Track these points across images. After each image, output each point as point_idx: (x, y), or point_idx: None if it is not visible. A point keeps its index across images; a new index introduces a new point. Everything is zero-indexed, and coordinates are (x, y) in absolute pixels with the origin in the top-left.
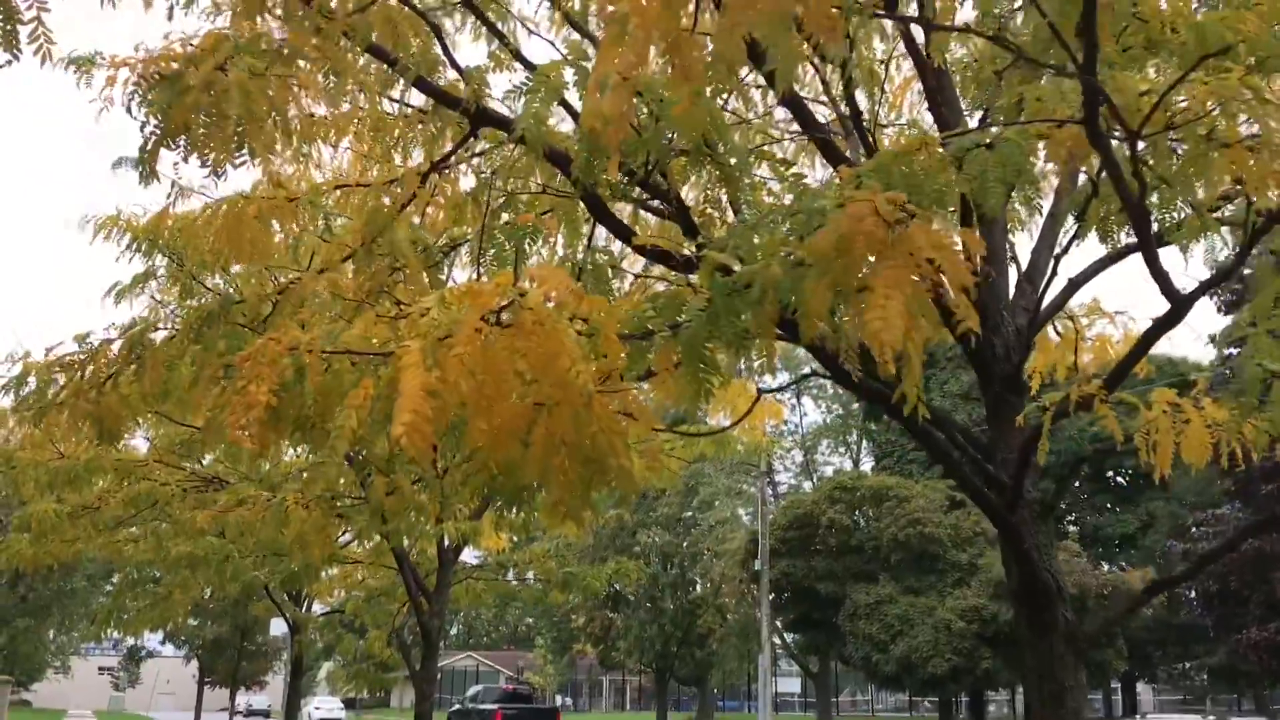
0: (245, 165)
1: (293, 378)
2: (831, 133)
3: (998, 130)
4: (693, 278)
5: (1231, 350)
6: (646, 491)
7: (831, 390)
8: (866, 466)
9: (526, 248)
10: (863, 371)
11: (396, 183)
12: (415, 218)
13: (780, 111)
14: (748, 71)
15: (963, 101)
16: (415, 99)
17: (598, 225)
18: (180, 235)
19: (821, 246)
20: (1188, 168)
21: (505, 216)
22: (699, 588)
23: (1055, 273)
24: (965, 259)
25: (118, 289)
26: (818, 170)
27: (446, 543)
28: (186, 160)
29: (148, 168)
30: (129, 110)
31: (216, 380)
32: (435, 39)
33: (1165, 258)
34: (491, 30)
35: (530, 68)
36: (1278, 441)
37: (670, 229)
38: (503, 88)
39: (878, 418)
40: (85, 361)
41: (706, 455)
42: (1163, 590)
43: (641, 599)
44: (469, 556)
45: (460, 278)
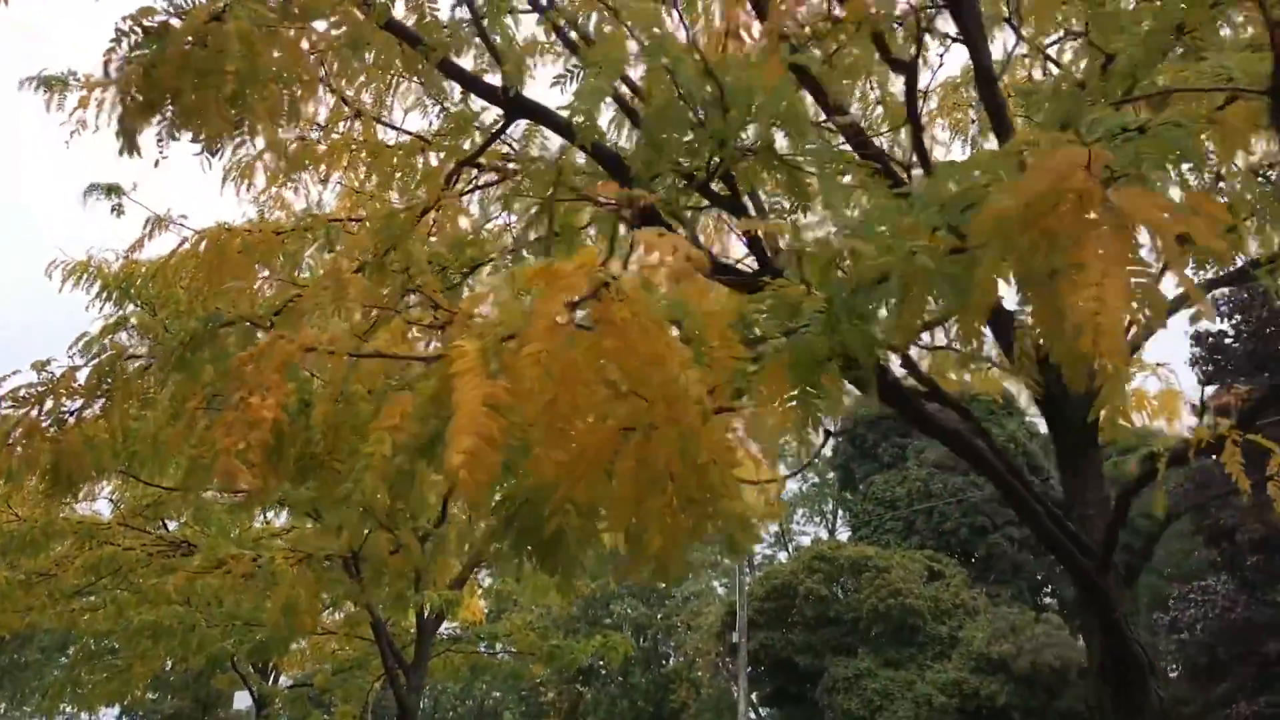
0: (244, 145)
1: (297, 407)
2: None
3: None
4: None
5: None
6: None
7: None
8: (843, 536)
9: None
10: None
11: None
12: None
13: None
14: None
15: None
16: (411, 123)
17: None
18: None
19: (999, 217)
20: None
21: (534, 233)
22: (672, 661)
23: None
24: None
25: (85, 340)
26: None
27: (427, 612)
28: (175, 135)
29: (127, 141)
30: (106, 72)
31: (200, 412)
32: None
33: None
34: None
35: (573, 49)
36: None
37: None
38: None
39: (854, 487)
40: (44, 394)
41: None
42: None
43: (613, 673)
44: (443, 628)
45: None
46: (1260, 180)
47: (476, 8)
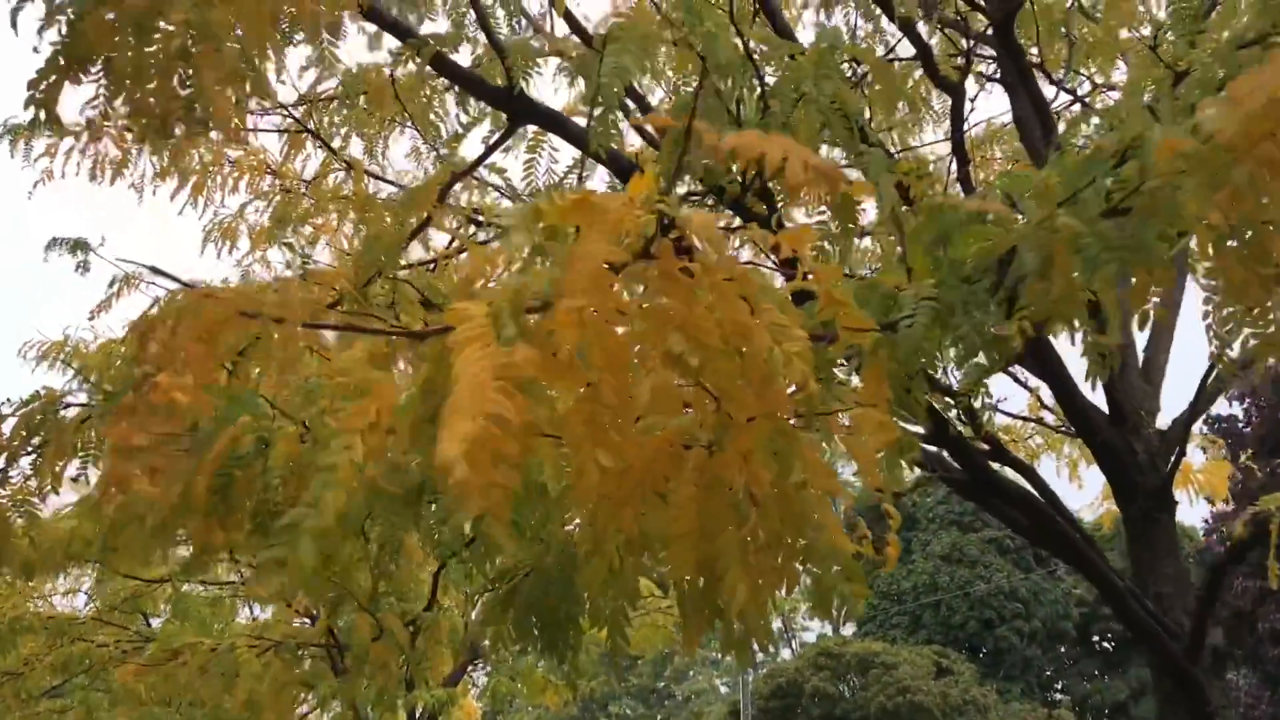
0: (197, 132)
1: (252, 448)
2: None
3: None
4: None
5: None
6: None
7: None
8: (848, 631)
9: None
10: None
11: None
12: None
13: None
14: None
15: None
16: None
17: None
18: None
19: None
20: None
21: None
22: None
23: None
24: None
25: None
26: None
27: (419, 712)
28: (108, 109)
29: (46, 113)
30: (13, 22)
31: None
32: None
33: None
34: None
35: (586, 39)
36: None
37: None
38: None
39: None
40: None
41: None
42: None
43: None
44: None
45: None
46: None
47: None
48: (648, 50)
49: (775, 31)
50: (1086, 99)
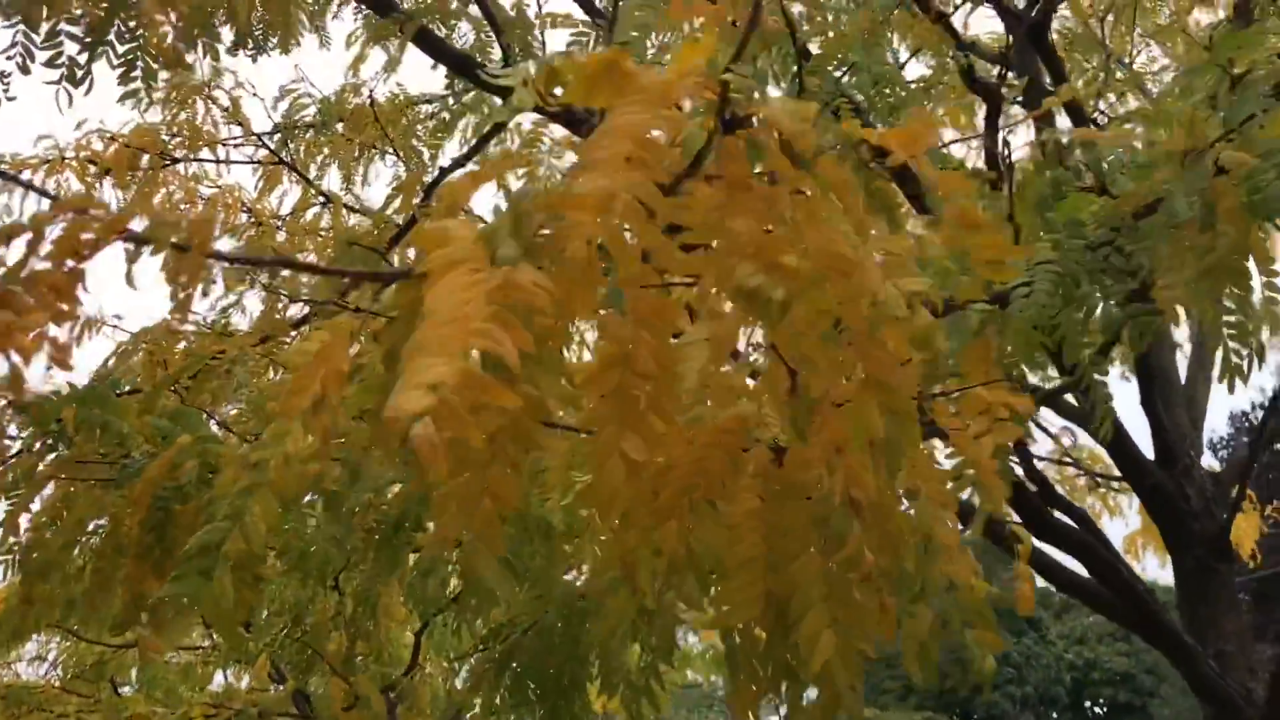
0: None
1: (194, 476)
2: None
3: None
4: None
5: None
6: None
7: None
8: None
9: None
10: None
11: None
12: None
13: None
14: None
15: None
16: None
17: None
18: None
19: None
20: None
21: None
22: None
23: None
24: None
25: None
26: None
27: None
28: (26, 58)
29: None
30: None
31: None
32: None
33: None
34: None
35: (596, 16)
36: None
37: None
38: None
39: None
40: None
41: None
42: None
43: None
44: None
45: None
46: None
47: None
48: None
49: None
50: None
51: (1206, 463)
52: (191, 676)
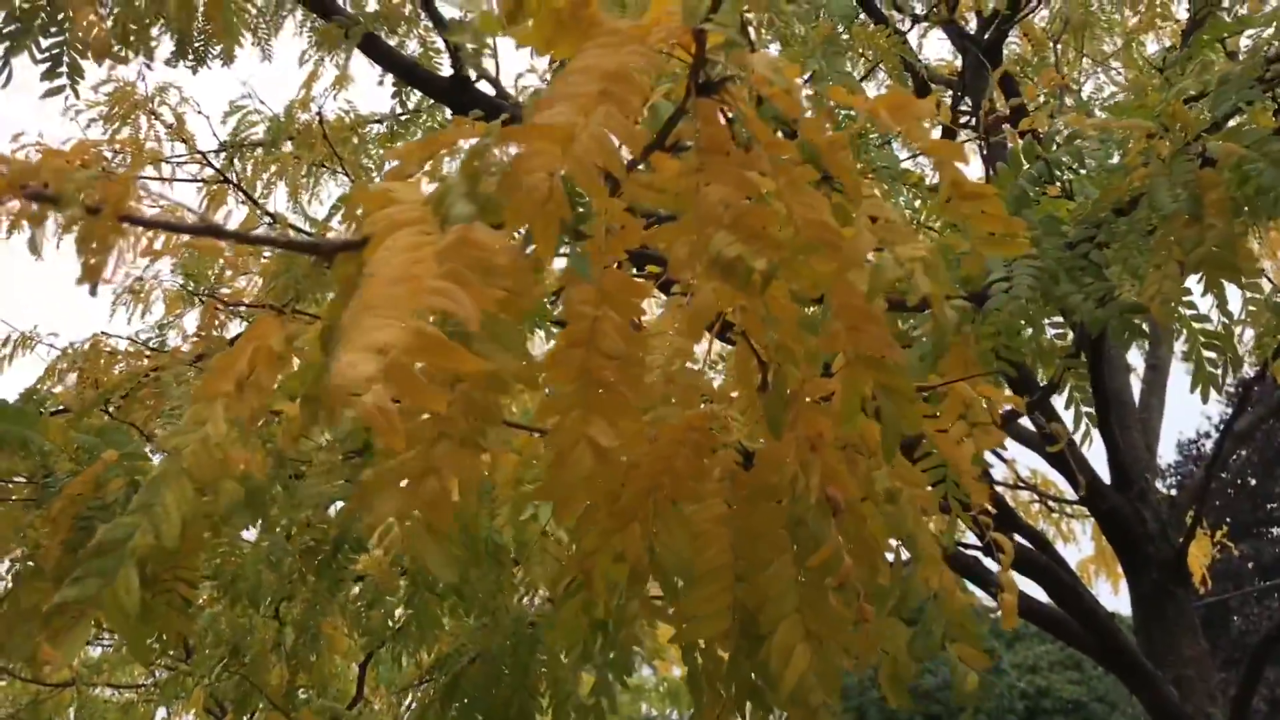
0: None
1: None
2: None
3: None
4: None
5: None
6: None
7: None
8: None
9: None
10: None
11: None
12: None
13: None
14: None
15: None
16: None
17: None
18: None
19: None
20: None
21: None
22: None
23: None
24: None
25: None
26: None
27: None
28: None
29: None
30: None
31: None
32: None
33: None
34: None
35: None
36: None
37: None
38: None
39: None
40: None
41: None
42: None
43: None
44: None
45: None
46: None
47: None
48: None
49: None
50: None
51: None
52: (132, 715)
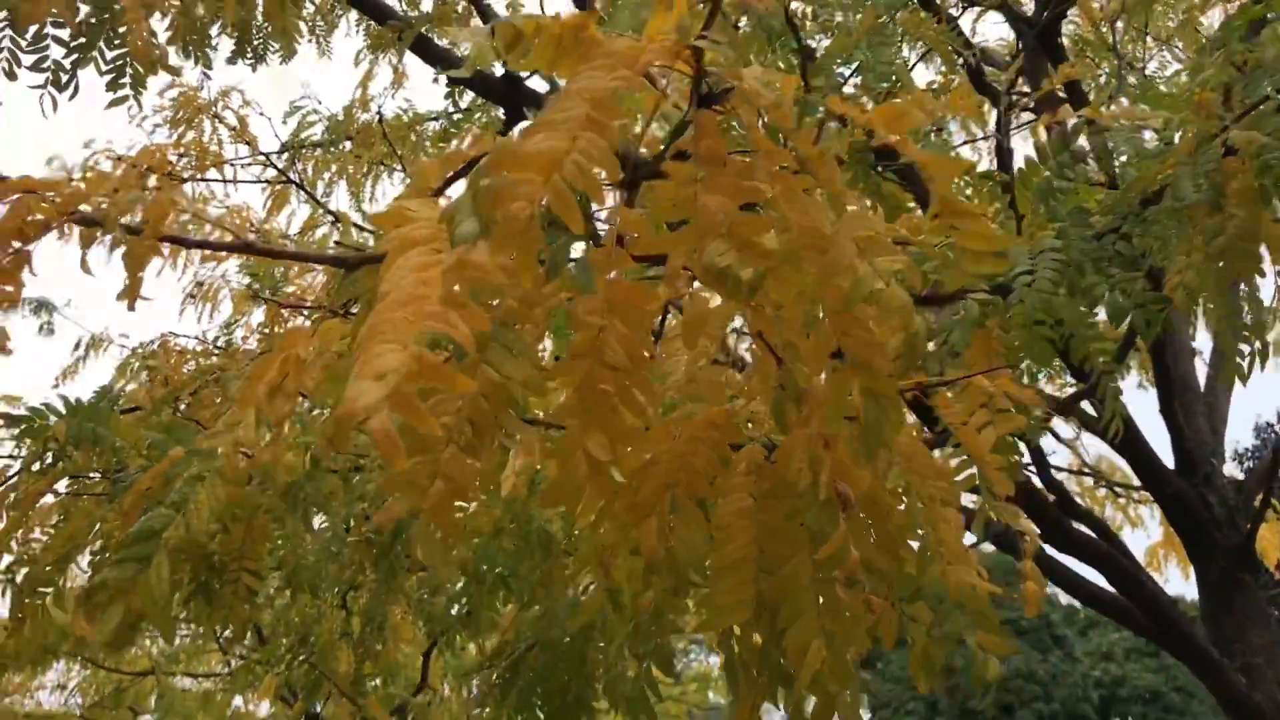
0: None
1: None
2: None
3: None
4: None
5: None
6: None
7: None
8: (866, 716)
9: None
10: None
11: None
12: None
13: None
14: None
15: None
16: None
17: None
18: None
19: None
20: None
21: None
22: None
23: None
24: None
25: None
26: None
27: None
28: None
29: None
30: None
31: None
32: None
33: None
34: None
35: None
36: None
37: None
38: None
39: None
40: None
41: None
42: None
43: None
44: None
45: None
46: None
47: None
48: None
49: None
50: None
51: (1232, 473)
52: (210, 703)
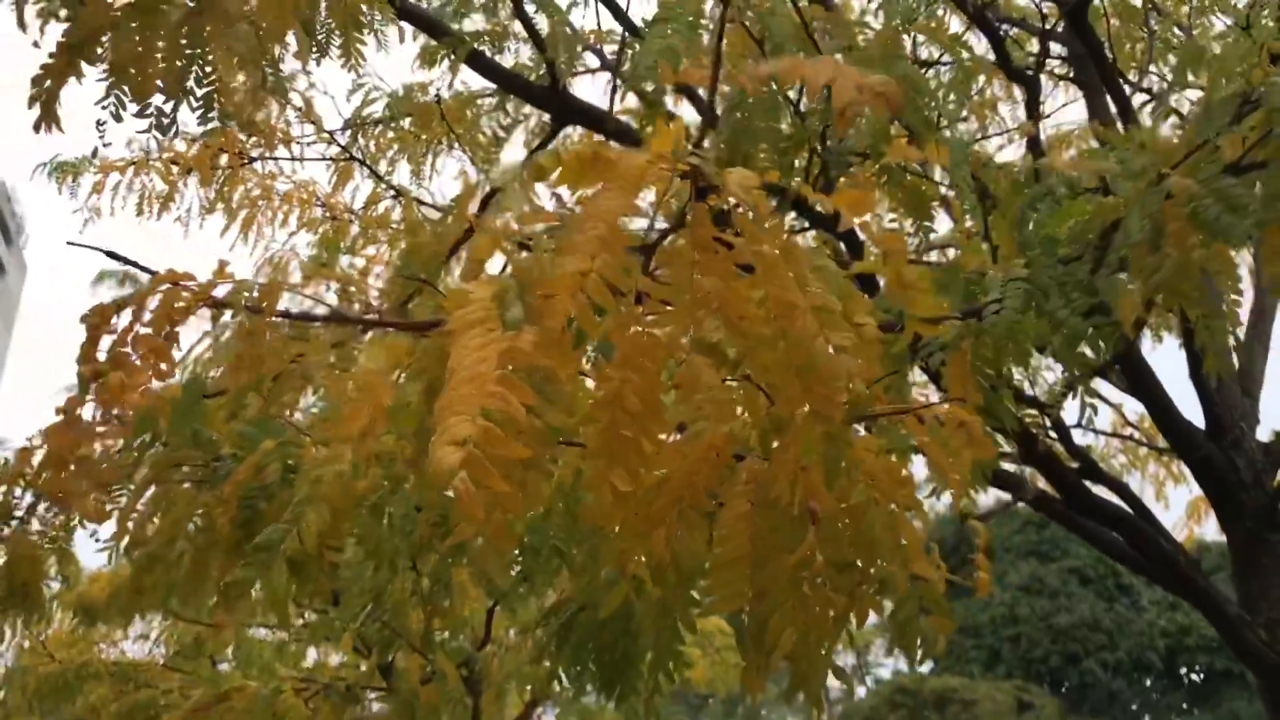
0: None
1: (278, 477)
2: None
3: None
4: None
5: None
6: (689, 696)
7: None
8: (924, 667)
9: None
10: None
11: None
12: None
13: None
14: None
15: None
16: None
17: None
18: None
19: None
20: None
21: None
22: None
23: None
24: None
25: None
26: None
27: None
28: (111, 100)
29: (45, 111)
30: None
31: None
32: None
33: None
34: None
35: (631, 28)
36: None
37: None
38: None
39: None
40: None
41: None
42: None
43: None
44: None
45: None
46: None
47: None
48: (696, 30)
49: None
50: (1162, 97)
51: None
52: (285, 654)
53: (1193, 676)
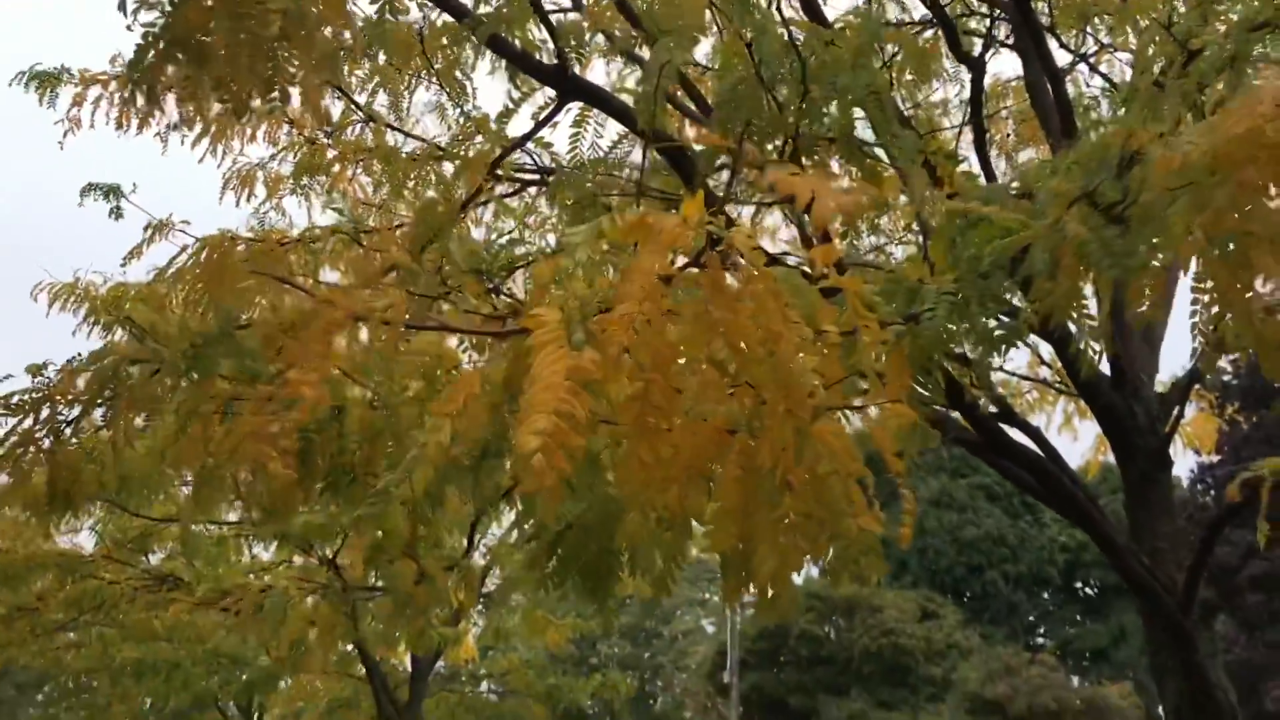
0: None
1: (328, 413)
2: None
3: None
4: None
5: None
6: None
7: None
8: None
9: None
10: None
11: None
12: None
13: None
14: None
15: None
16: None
17: None
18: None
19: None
20: None
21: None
22: (660, 702)
23: None
24: None
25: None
26: None
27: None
28: (190, 98)
29: (149, 99)
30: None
31: (217, 420)
32: None
33: None
34: None
35: (635, 22)
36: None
37: None
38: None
39: None
40: (41, 401)
41: None
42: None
43: (601, 714)
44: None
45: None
46: None
47: None
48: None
49: (804, 6)
50: (1092, 58)
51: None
52: (224, 548)
53: (1088, 590)
